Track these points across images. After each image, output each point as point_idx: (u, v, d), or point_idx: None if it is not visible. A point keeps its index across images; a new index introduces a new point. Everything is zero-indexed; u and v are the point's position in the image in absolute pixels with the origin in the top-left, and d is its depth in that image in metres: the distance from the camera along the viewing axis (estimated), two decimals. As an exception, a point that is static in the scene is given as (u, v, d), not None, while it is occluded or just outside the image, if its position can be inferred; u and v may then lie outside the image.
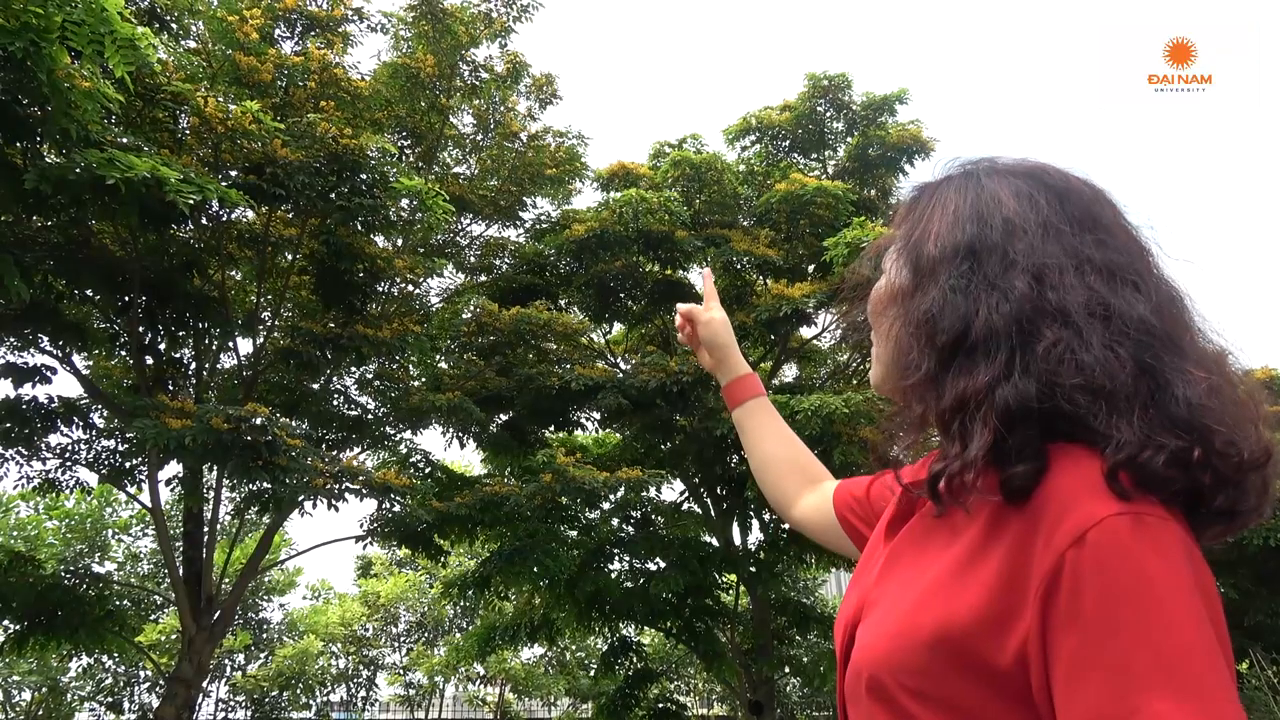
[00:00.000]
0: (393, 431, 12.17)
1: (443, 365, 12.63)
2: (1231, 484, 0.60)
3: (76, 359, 10.40)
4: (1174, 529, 0.57)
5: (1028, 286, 0.65)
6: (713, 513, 13.88)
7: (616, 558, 13.01)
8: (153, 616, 20.27)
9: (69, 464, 10.69)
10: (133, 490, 11.78)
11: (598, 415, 12.74)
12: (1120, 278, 0.66)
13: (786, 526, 14.48)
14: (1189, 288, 0.70)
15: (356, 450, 12.20)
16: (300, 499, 9.36)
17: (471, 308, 12.61)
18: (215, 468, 9.59)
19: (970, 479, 0.63)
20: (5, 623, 10.57)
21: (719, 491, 13.77)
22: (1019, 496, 0.62)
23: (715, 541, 13.57)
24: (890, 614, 0.68)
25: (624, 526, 13.36)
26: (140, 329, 9.93)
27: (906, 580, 0.69)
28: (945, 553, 0.66)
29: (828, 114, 13.45)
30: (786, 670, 15.05)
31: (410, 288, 12.26)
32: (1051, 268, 0.66)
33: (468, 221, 13.37)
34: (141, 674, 21.95)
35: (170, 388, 10.36)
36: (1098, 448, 0.60)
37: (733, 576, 13.61)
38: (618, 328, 14.84)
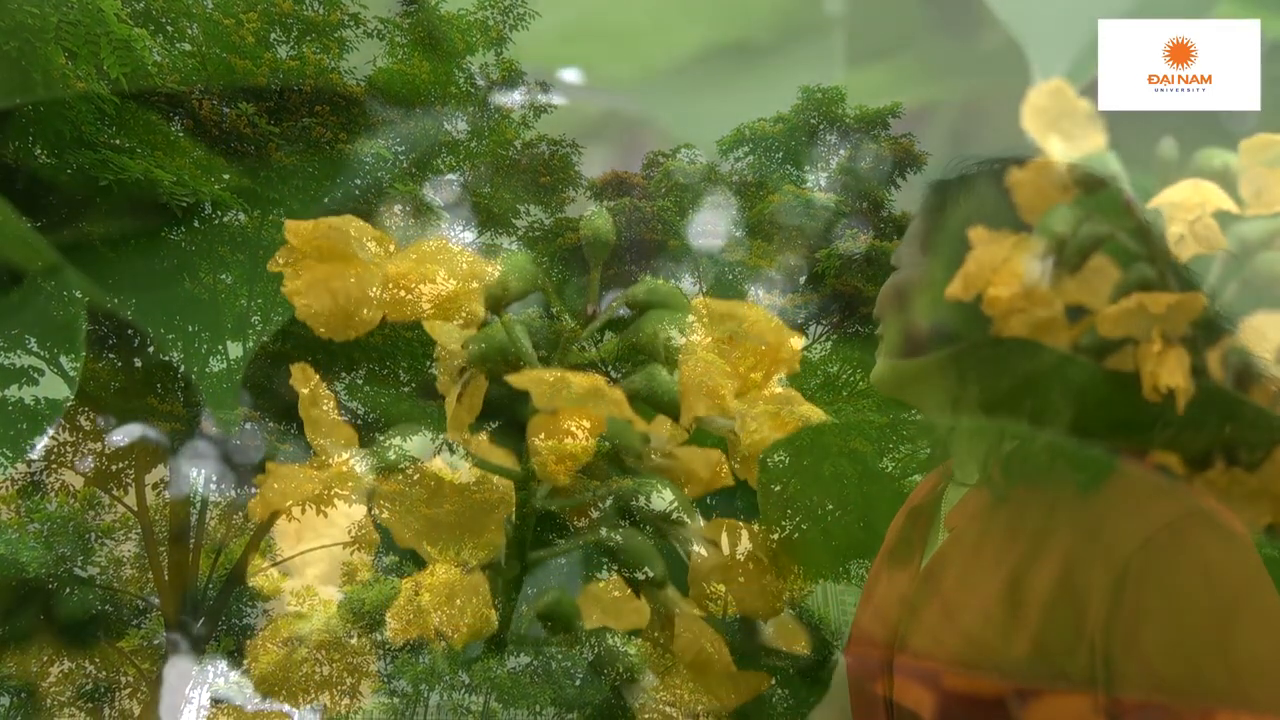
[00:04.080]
0: (383, 438, 12.10)
1: (434, 371, 12.58)
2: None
3: (64, 360, 10.31)
4: (1242, 528, 0.54)
5: None
6: (701, 522, 13.87)
7: (604, 566, 12.97)
8: (135, 621, 20.04)
9: (54, 466, 10.59)
10: (118, 494, 11.69)
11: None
12: None
13: (775, 536, 14.49)
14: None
15: (346, 455, 12.13)
16: (289, 504, 9.29)
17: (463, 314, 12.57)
18: (203, 472, 9.53)
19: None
20: (-14, 626, 10.46)
21: (707, 500, 13.74)
22: None
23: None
24: (948, 640, 0.63)
25: (613, 535, 13.33)
26: (130, 331, 9.86)
27: (957, 602, 0.64)
28: (999, 565, 0.61)
29: (821, 126, 13.52)
30: (773, 681, 15.01)
31: (402, 293, 12.21)
32: None
33: (460, 228, 13.35)
34: (123, 679, 21.70)
35: (159, 391, 10.27)
36: None
37: (721, 586, 13.59)
38: (609, 337, 14.82)
